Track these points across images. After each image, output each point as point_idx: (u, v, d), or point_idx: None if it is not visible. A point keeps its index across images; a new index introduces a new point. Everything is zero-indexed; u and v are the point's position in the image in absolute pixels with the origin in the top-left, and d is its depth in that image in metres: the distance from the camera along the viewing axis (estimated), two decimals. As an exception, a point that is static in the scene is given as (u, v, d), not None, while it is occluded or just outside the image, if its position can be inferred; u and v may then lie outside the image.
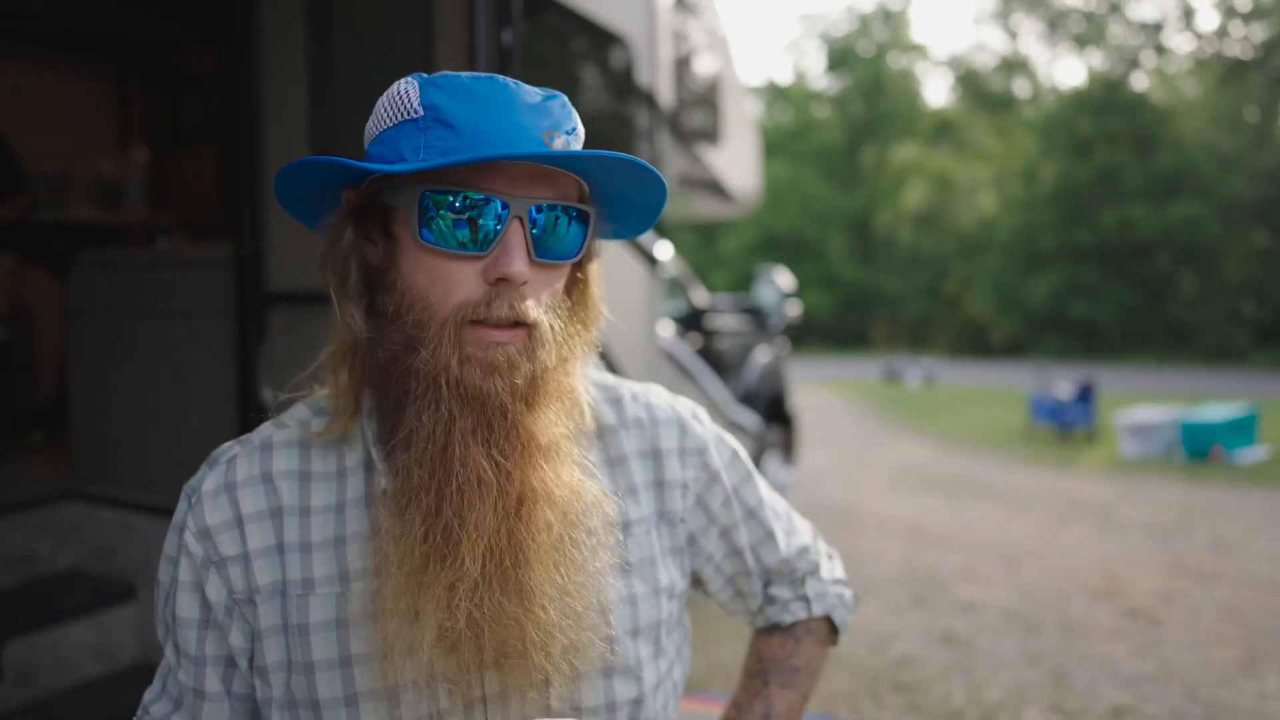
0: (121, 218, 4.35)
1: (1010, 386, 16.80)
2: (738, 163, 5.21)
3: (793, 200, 32.45)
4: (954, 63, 35.31)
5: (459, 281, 0.80)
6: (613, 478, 0.96)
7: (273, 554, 0.87)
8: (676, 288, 4.92)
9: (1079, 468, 8.64)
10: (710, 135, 4.65)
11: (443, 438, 0.78)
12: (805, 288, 31.05)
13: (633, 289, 3.36)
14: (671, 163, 4.03)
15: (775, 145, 33.83)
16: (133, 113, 5.26)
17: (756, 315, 5.78)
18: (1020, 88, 33.63)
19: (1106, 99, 28.73)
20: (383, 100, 0.86)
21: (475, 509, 0.77)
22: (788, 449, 6.02)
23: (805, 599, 1.11)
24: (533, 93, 0.84)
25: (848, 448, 9.94)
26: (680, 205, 5.28)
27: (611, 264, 3.12)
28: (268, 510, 0.88)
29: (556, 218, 0.83)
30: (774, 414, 5.77)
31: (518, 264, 0.79)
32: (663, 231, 3.78)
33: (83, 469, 2.85)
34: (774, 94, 36.92)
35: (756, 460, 5.34)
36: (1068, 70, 53.19)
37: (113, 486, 2.70)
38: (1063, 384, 11.01)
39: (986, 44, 37.47)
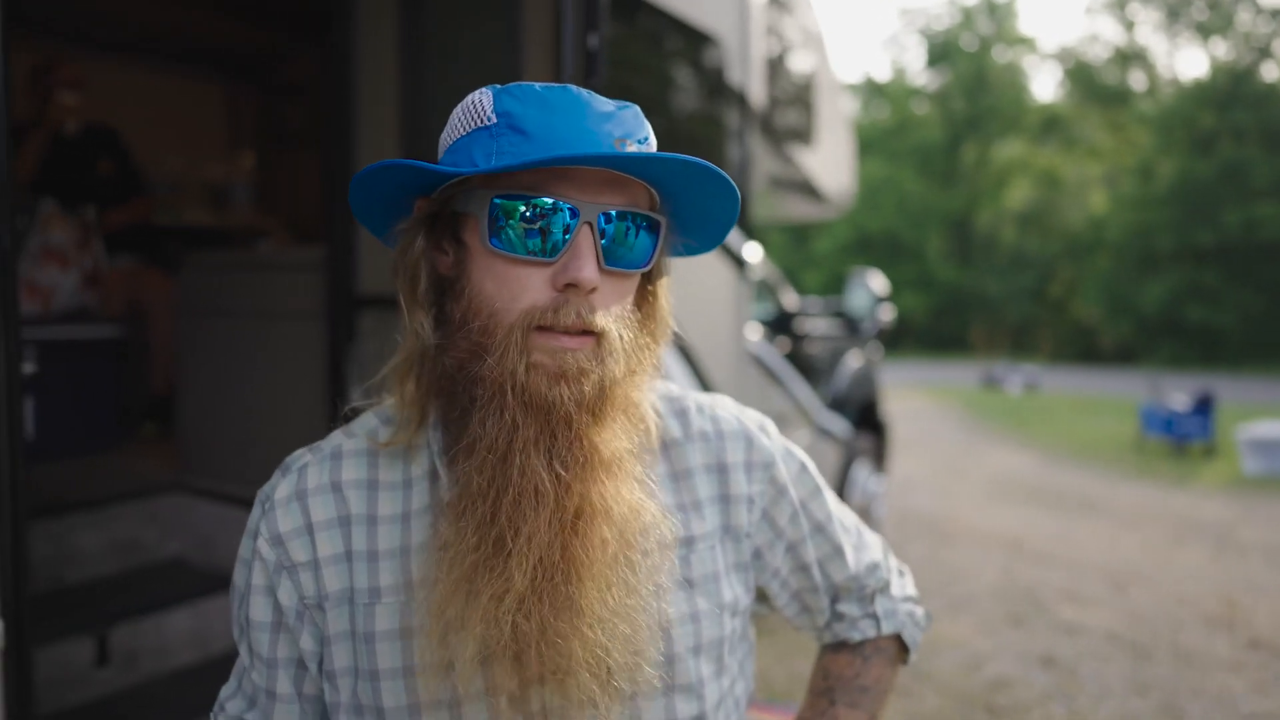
0: (229, 220, 4.55)
1: (1120, 396, 15.96)
2: (831, 163, 5.09)
3: (889, 199, 31.68)
4: (1064, 55, 33.78)
5: (527, 287, 0.80)
6: (677, 492, 0.95)
7: (341, 561, 0.88)
8: (766, 290, 4.83)
9: (1195, 484, 8.12)
10: (803, 135, 4.55)
11: (504, 446, 0.78)
12: (900, 289, 30.35)
13: (720, 291, 3.31)
14: (763, 164, 3.96)
15: (871, 143, 33.10)
16: (242, 119, 5.50)
17: (848, 319, 5.63)
18: (1136, 80, 31.94)
19: (1232, 91, 27.01)
20: (457, 111, 0.87)
21: (529, 520, 0.76)
22: (879, 457, 5.85)
23: (874, 617, 1.08)
24: (605, 102, 0.83)
25: (943, 456, 9.61)
26: (772, 206, 5.19)
27: (698, 266, 3.07)
28: (337, 519, 0.89)
29: (627, 226, 0.81)
30: (865, 421, 5.60)
31: (587, 270, 0.78)
32: (753, 232, 3.72)
33: (187, 462, 2.98)
34: (871, 91, 36.13)
35: (845, 468, 5.20)
36: (1189, 61, 50.32)
37: (213, 480, 2.81)
38: (1178, 394, 10.39)
39: (1100, 35, 35.62)
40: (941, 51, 34.54)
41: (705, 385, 3.17)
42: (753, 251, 3.69)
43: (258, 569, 0.90)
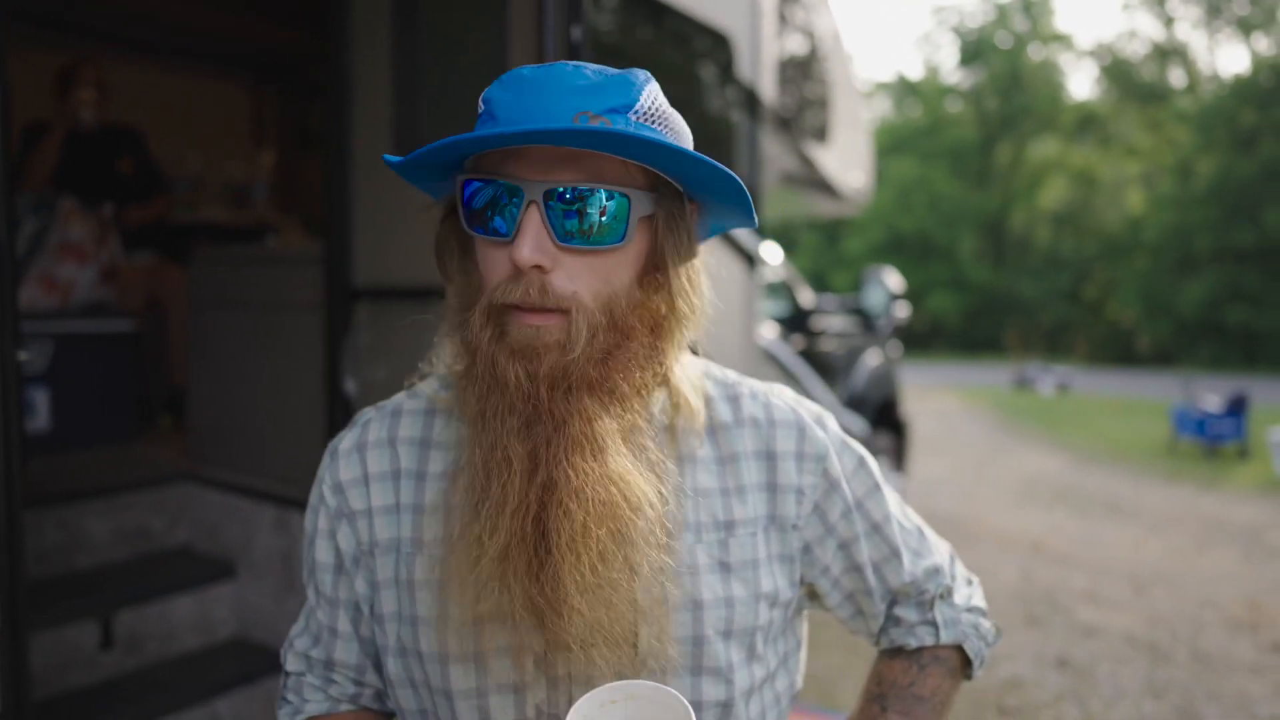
0: (247, 218, 4.63)
1: (1154, 398, 15.65)
2: (847, 160, 5.05)
3: (920, 199, 31.35)
4: (1100, 52, 33.20)
5: (497, 265, 0.83)
6: (722, 476, 0.94)
7: (391, 513, 0.93)
8: (782, 288, 4.81)
9: (1226, 487, 7.95)
10: (817, 133, 4.52)
11: (476, 412, 0.82)
12: (932, 290, 30.07)
13: (730, 287, 3.30)
14: (776, 161, 3.94)
15: (903, 142, 32.80)
16: (266, 119, 5.60)
17: (865, 317, 5.59)
18: (1175, 77, 31.31)
19: (1274, 87, 26.35)
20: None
21: (496, 485, 0.79)
22: (898, 456, 5.79)
23: (933, 624, 1.03)
24: (592, 74, 0.82)
25: (969, 457, 9.49)
26: (788, 204, 5.17)
27: (707, 261, 3.07)
28: (390, 472, 0.94)
29: (582, 203, 0.80)
30: (883, 419, 5.56)
31: (524, 250, 0.79)
32: (782, 231, 3.70)
33: (196, 452, 3.04)
34: (903, 89, 35.79)
35: (862, 466, 5.15)
36: (1229, 57, 49.14)
37: (220, 469, 2.86)
38: (1211, 396, 10.17)
39: (1138, 31, 34.99)
40: (975, 49, 34.11)
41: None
42: (767, 249, 3.68)
43: (323, 514, 0.96)
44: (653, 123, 0.83)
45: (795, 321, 4.75)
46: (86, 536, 2.58)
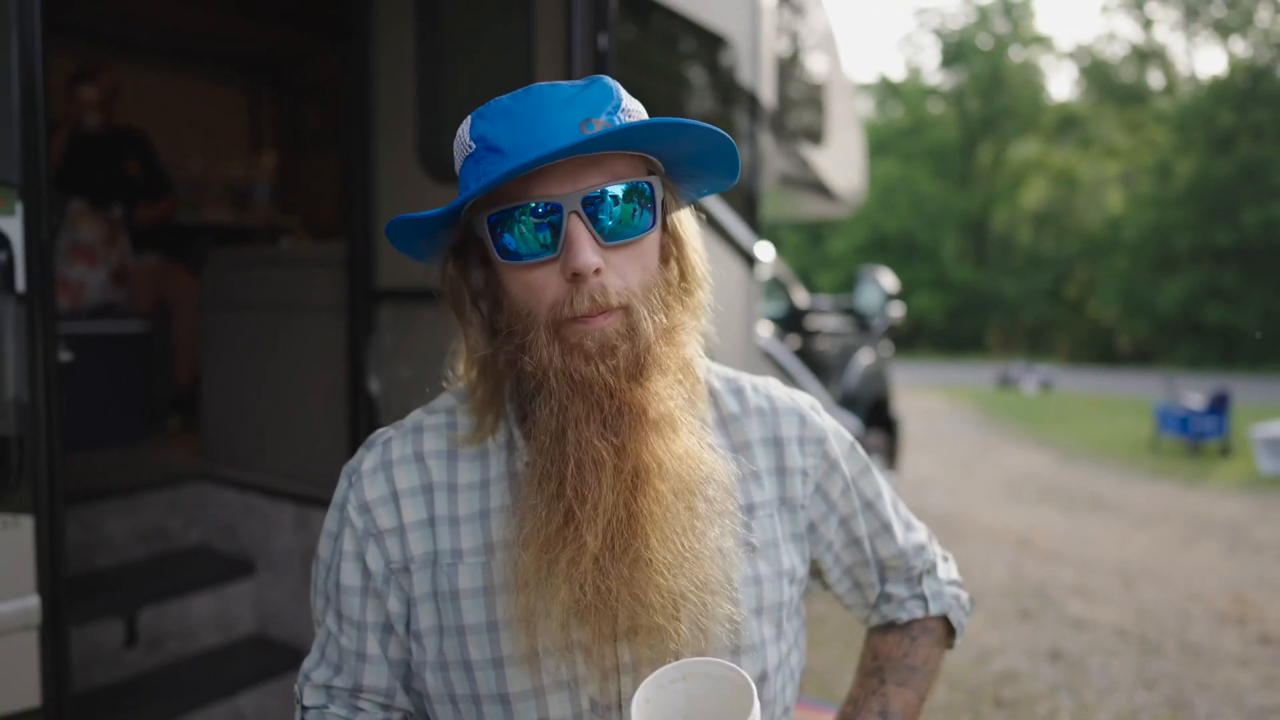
0: (250, 219, 4.64)
1: (1136, 395, 15.86)
2: (841, 162, 5.12)
3: (904, 200, 31.56)
4: (1080, 54, 33.53)
5: (546, 286, 0.86)
6: (737, 463, 0.98)
7: (425, 526, 0.94)
8: (777, 288, 4.87)
9: (1209, 483, 8.09)
10: (814, 135, 4.58)
11: (558, 426, 0.84)
12: (916, 290, 30.24)
13: (730, 287, 3.36)
14: (773, 162, 4.00)
15: (886, 143, 32.98)
16: (262, 120, 5.60)
17: (859, 317, 5.67)
18: (1153, 79, 31.67)
19: (1251, 89, 26.72)
20: (455, 143, 0.93)
21: (593, 488, 0.82)
22: (890, 454, 5.88)
23: (922, 597, 1.12)
24: (569, 87, 0.87)
25: (956, 455, 9.61)
26: (783, 205, 5.23)
27: (708, 262, 3.10)
28: (420, 486, 0.95)
29: (616, 199, 0.85)
30: (876, 418, 5.64)
31: (582, 257, 0.82)
32: (768, 231, 3.76)
33: (211, 451, 3.06)
34: (886, 91, 36.00)
35: (857, 464, 5.22)
36: (1207, 59, 49.75)
37: (236, 469, 2.89)
38: (1193, 394, 10.34)
39: (1117, 33, 35.26)
40: (957, 51, 34.38)
41: (715, 380, 3.22)
42: (764, 250, 3.74)
43: (347, 536, 0.95)
44: (636, 115, 0.89)
45: (790, 321, 4.81)
46: (106, 536, 2.61)
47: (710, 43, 3.23)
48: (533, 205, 0.84)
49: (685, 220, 0.97)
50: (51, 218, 1.65)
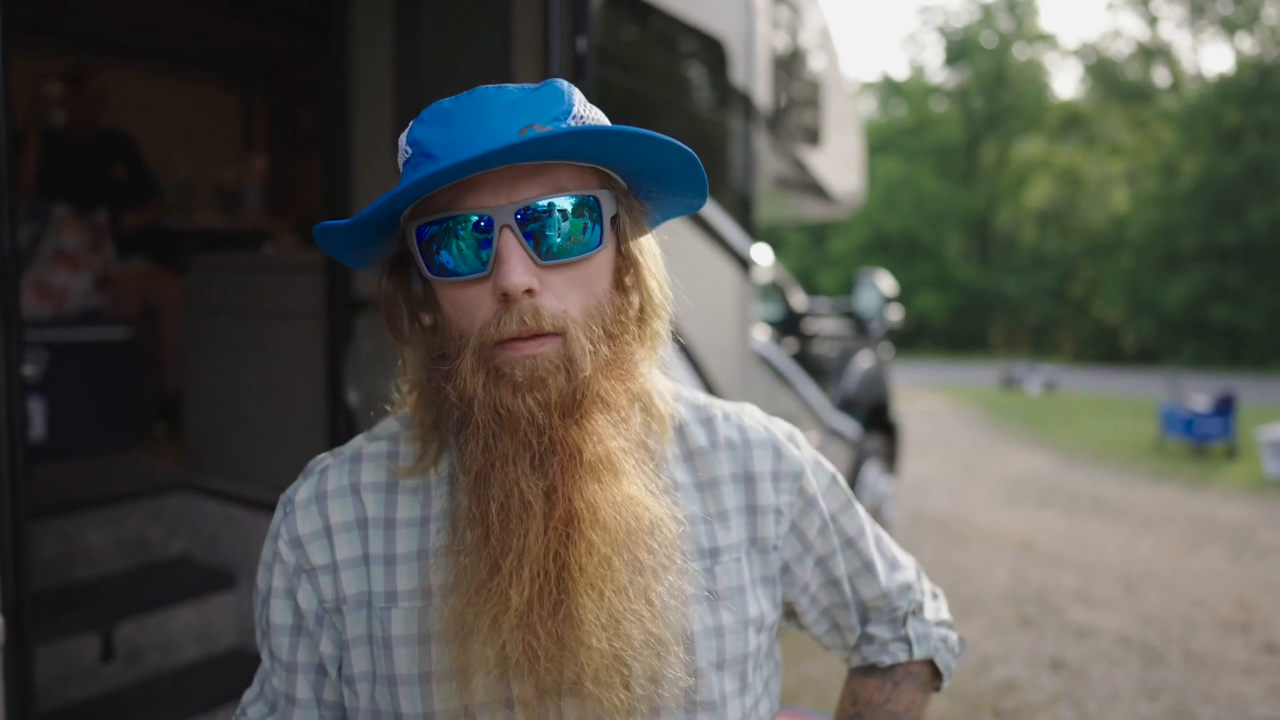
0: (240, 223, 4.60)
1: (1141, 396, 15.78)
2: (840, 163, 5.07)
3: (906, 199, 31.50)
4: (1085, 51, 33.43)
5: (478, 305, 0.78)
6: (703, 502, 0.91)
7: (359, 565, 0.87)
8: (774, 291, 4.83)
9: (1214, 486, 8.02)
10: (810, 136, 4.53)
11: (482, 464, 0.77)
12: (918, 290, 30.18)
13: (724, 291, 3.31)
14: (768, 164, 3.95)
15: (889, 142, 32.93)
16: (255, 123, 5.57)
17: (857, 320, 5.62)
18: (1159, 76, 31.56)
19: (1258, 86, 26.61)
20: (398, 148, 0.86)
21: (518, 536, 0.75)
22: (889, 458, 5.82)
23: (906, 640, 1.04)
24: (516, 90, 0.80)
25: (957, 456, 9.55)
26: (781, 208, 5.18)
27: (701, 266, 3.07)
28: (355, 521, 0.88)
29: (561, 213, 0.78)
30: (875, 421, 5.58)
31: (512, 276, 0.75)
32: (767, 233, 3.71)
33: (194, 461, 3.02)
34: (888, 89, 35.93)
35: (855, 469, 5.18)
36: (1213, 57, 49.56)
37: (218, 479, 2.85)
38: (1198, 395, 10.26)
39: (1122, 30, 35.22)
40: (960, 49, 34.30)
41: (709, 386, 3.17)
42: (760, 252, 3.69)
43: (278, 571, 0.89)
44: (589, 124, 0.81)
45: (787, 324, 4.76)
46: (85, 547, 2.57)
47: (702, 43, 3.18)
48: (462, 217, 0.76)
49: (645, 242, 0.88)
50: (12, 227, 1.60)
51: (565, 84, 0.83)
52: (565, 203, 0.78)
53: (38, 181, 3.53)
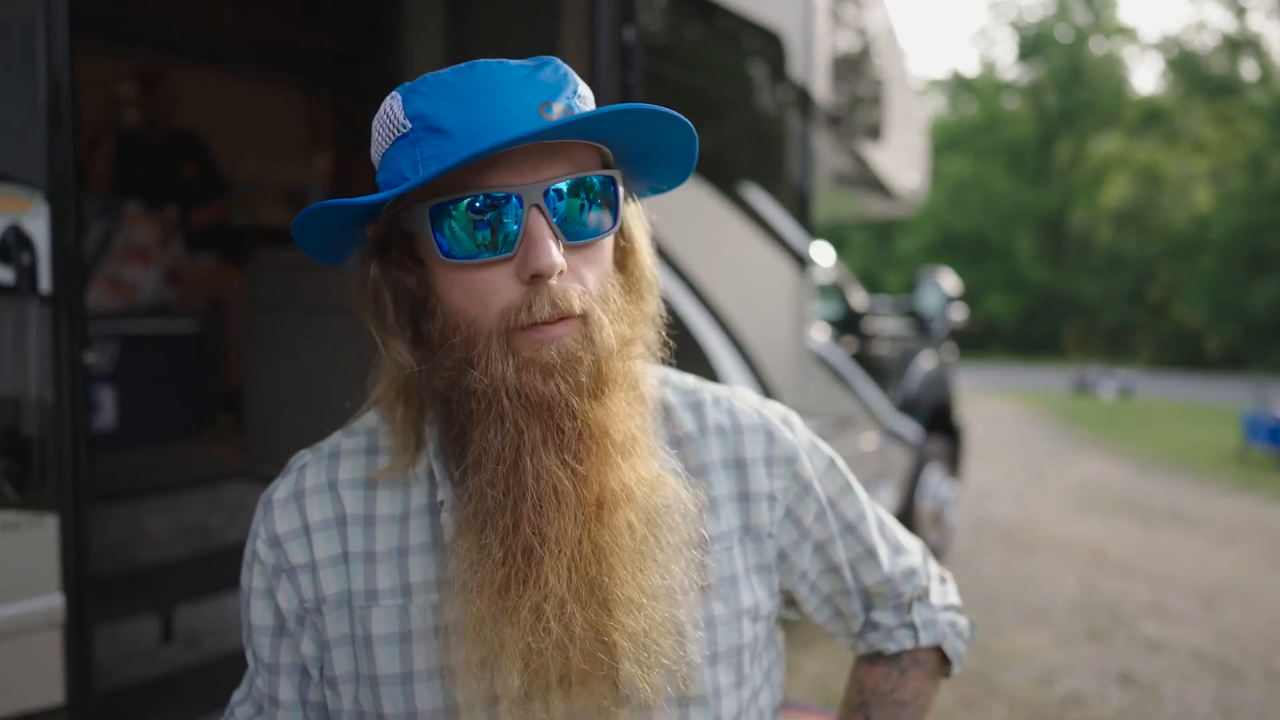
0: (304, 220, 4.71)
1: (1223, 403, 15.10)
2: (902, 160, 4.96)
3: (976, 198, 30.71)
4: (1166, 45, 32.16)
5: (496, 289, 0.76)
6: (692, 490, 0.88)
7: (339, 563, 0.86)
8: (833, 290, 4.74)
9: (1302, 497, 7.63)
10: (871, 132, 4.44)
11: (513, 453, 0.75)
12: (988, 291, 29.41)
13: (780, 290, 3.26)
14: (828, 161, 3.88)
15: (958, 140, 32.18)
16: (320, 122, 5.70)
17: (919, 319, 5.49)
18: (1247, 70, 30.17)
19: (1354, 79, 25.28)
20: (375, 121, 0.82)
21: (555, 521, 0.74)
22: (952, 462, 5.67)
23: (912, 627, 1.01)
24: (520, 66, 0.78)
25: (1026, 462, 9.26)
26: (842, 205, 5.09)
27: (757, 264, 3.03)
28: (333, 519, 0.87)
29: (580, 194, 0.76)
30: (937, 424, 5.45)
31: (547, 257, 0.73)
32: (830, 231, 3.65)
33: (255, 451, 3.10)
34: (958, 86, 35.12)
35: (916, 472, 5.06)
36: (1306, 48, 47.09)
37: (276, 469, 2.90)
38: (1286, 402, 9.78)
39: (1207, 22, 33.74)
40: (1034, 44, 33.31)
41: (763, 385, 3.13)
42: (820, 250, 3.63)
43: (257, 571, 0.88)
44: (589, 102, 0.81)
45: (847, 324, 4.68)
46: (147, 532, 2.65)
47: (758, 37, 3.14)
48: (490, 196, 0.74)
49: (636, 219, 0.87)
50: (78, 220, 1.65)
51: (561, 61, 0.82)
52: (588, 183, 0.77)
53: (110, 180, 3.66)
